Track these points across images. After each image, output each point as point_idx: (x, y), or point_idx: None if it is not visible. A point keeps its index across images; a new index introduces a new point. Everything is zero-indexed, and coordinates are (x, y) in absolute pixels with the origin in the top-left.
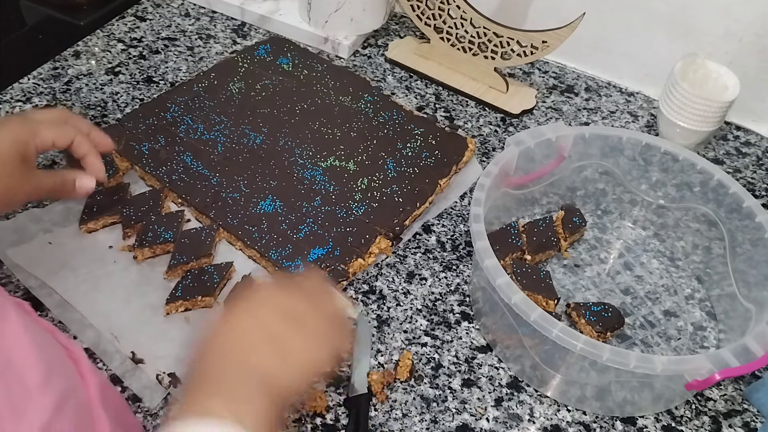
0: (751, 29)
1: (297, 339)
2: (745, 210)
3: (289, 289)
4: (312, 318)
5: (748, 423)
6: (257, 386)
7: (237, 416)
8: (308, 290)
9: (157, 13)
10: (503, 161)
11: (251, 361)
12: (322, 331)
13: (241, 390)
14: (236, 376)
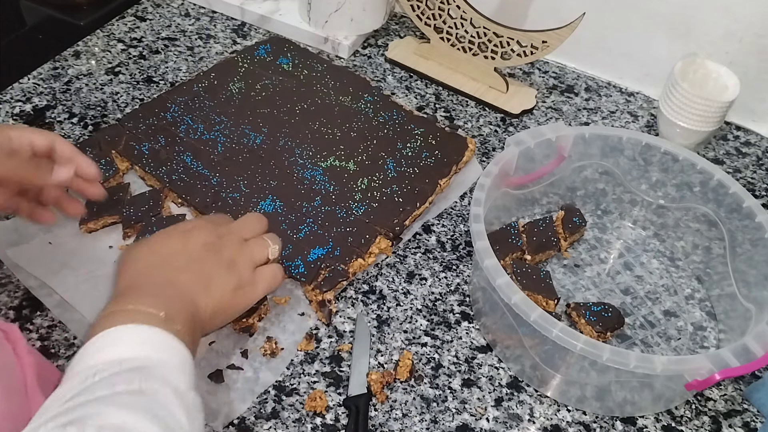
0: (751, 29)
1: (220, 271)
2: (745, 210)
3: (220, 228)
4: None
5: (748, 423)
6: (182, 301)
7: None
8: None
9: (157, 13)
10: (503, 161)
11: (180, 279)
12: (246, 269)
13: (171, 300)
14: (165, 289)
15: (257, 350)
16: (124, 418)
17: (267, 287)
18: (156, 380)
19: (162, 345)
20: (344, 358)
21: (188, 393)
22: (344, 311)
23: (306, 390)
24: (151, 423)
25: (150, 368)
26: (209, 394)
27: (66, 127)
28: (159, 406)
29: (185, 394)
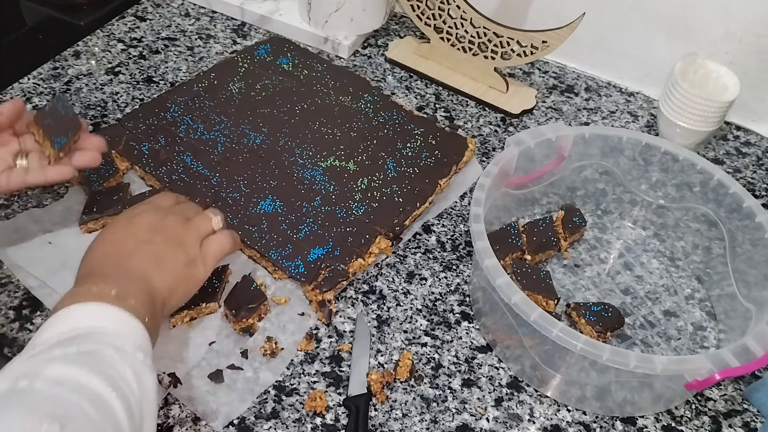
0: (751, 29)
1: (169, 249)
2: (745, 210)
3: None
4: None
5: (748, 423)
6: (137, 281)
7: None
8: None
9: (157, 13)
10: (503, 161)
11: (130, 262)
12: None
13: (123, 281)
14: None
15: (257, 350)
16: (70, 371)
17: (217, 255)
18: (100, 342)
19: (109, 316)
20: (344, 358)
21: (135, 354)
22: (344, 311)
23: (306, 390)
24: (95, 376)
25: (94, 334)
26: (209, 394)
27: None
28: (103, 362)
29: (132, 354)
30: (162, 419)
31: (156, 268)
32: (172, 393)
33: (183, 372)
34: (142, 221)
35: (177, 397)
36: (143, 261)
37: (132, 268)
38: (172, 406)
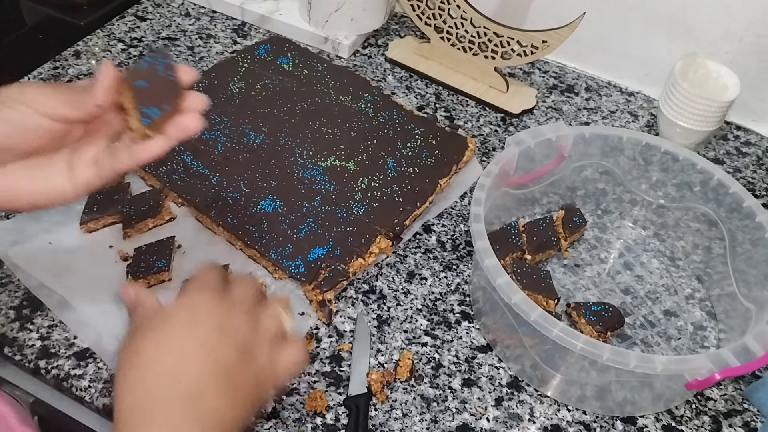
0: (751, 29)
1: (247, 373)
2: (746, 210)
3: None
4: (258, 345)
5: (748, 423)
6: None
7: None
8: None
9: (157, 13)
10: (503, 161)
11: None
12: (269, 363)
13: None
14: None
15: None
16: None
17: (288, 376)
18: None
19: None
20: (344, 357)
21: None
22: (344, 311)
23: (306, 390)
24: None
25: None
26: None
27: None
28: None
29: None
30: None
31: (230, 404)
32: None
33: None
34: (206, 323)
35: None
36: (217, 398)
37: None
38: None
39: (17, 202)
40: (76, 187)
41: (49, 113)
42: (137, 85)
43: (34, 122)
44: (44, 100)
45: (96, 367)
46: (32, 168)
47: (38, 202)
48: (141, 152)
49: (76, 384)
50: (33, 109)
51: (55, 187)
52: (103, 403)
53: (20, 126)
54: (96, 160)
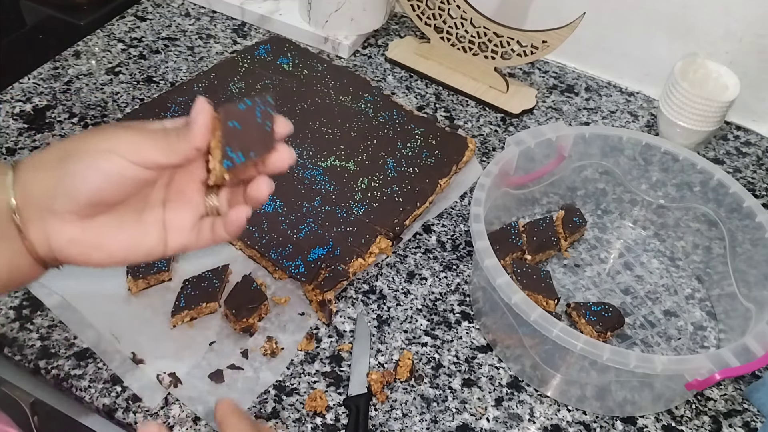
0: (751, 29)
1: None
2: (746, 210)
3: None
4: None
5: (749, 423)
6: None
7: None
8: None
9: (157, 13)
10: (503, 161)
11: None
12: None
13: None
14: None
15: (257, 350)
16: None
17: None
18: None
19: None
20: (344, 357)
21: None
22: (344, 311)
23: (306, 390)
24: None
25: None
26: (209, 394)
27: (66, 127)
28: None
29: None
30: (162, 419)
31: None
32: (172, 393)
33: (183, 372)
34: None
35: (177, 397)
36: None
37: None
38: (172, 406)
39: (101, 259)
40: (169, 250)
41: (143, 162)
42: (229, 126)
43: (127, 173)
44: (138, 149)
45: (96, 367)
46: (123, 224)
47: (126, 259)
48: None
49: (76, 384)
50: (126, 160)
51: (147, 246)
52: (102, 403)
53: (113, 178)
54: (193, 228)
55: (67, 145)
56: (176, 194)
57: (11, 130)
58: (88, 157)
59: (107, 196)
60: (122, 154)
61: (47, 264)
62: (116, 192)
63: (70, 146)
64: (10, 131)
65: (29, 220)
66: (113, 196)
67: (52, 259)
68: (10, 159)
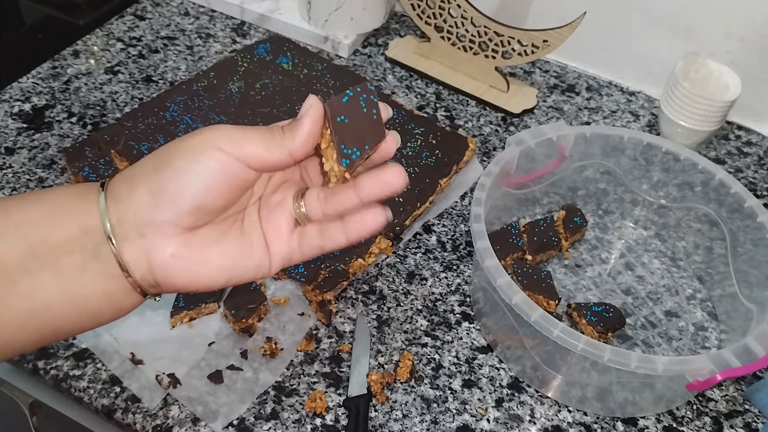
0: (752, 29)
1: None
2: (747, 210)
3: None
4: None
5: (750, 423)
6: None
7: None
8: None
9: (156, 12)
10: (504, 161)
11: None
12: None
13: None
14: None
15: (257, 351)
16: None
17: None
18: None
19: None
20: (344, 358)
21: None
22: (344, 311)
23: (306, 390)
24: None
25: None
26: (209, 395)
27: (65, 127)
28: None
29: None
30: (162, 419)
31: None
32: (171, 393)
33: (182, 372)
34: None
35: (177, 398)
36: None
37: None
38: (171, 407)
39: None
40: (274, 263)
41: (246, 157)
42: (338, 121)
43: (231, 169)
44: (240, 142)
45: (95, 367)
46: (227, 235)
47: (233, 276)
48: (356, 229)
49: (75, 384)
50: (228, 153)
51: (254, 260)
52: (101, 404)
53: (216, 175)
54: (292, 235)
55: (162, 152)
56: (266, 203)
57: (10, 130)
58: (188, 154)
59: (211, 199)
60: (223, 147)
61: (144, 291)
62: (220, 193)
63: (164, 152)
64: (9, 131)
65: (125, 239)
66: (217, 199)
67: (150, 284)
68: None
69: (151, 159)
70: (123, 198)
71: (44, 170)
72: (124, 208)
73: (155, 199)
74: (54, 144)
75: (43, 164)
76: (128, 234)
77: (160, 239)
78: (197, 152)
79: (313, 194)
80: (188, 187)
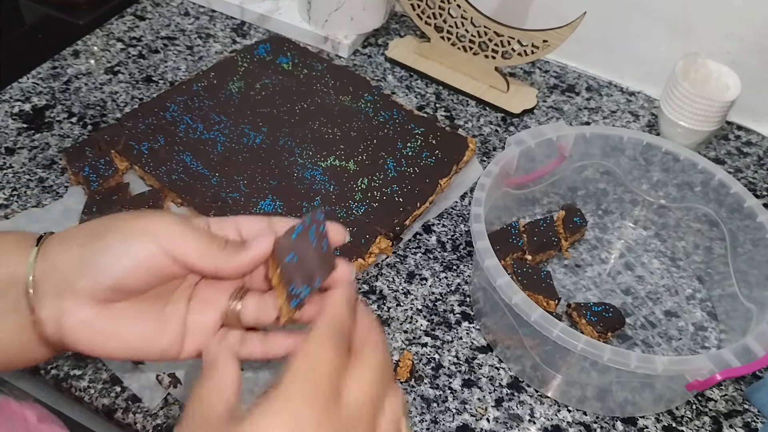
0: (752, 29)
1: None
2: (746, 210)
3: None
4: None
5: (749, 423)
6: None
7: None
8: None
9: (156, 12)
10: (504, 161)
11: None
12: None
13: None
14: None
15: None
16: None
17: None
18: None
19: None
20: None
21: None
22: None
23: None
24: None
25: None
26: None
27: (65, 127)
28: None
29: None
30: (162, 419)
31: None
32: (172, 393)
33: (183, 372)
34: None
35: (177, 398)
36: None
37: None
38: (172, 406)
39: (112, 349)
40: (185, 352)
41: (177, 256)
42: (287, 262)
43: (157, 262)
44: (176, 241)
45: (95, 367)
46: (142, 315)
47: (137, 354)
48: (275, 347)
49: (76, 384)
50: (160, 248)
51: (162, 344)
52: (102, 404)
53: (141, 264)
54: (221, 338)
55: (104, 222)
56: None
57: (10, 130)
58: (122, 236)
59: (132, 282)
60: (158, 238)
61: (54, 346)
62: (141, 279)
63: (106, 223)
64: (9, 131)
65: (45, 296)
66: (138, 283)
67: (58, 341)
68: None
69: (91, 226)
70: (53, 257)
71: (44, 170)
72: (51, 267)
73: (80, 266)
74: (54, 144)
75: (43, 164)
76: (49, 291)
77: (74, 304)
78: (131, 235)
79: (253, 299)
80: (112, 266)
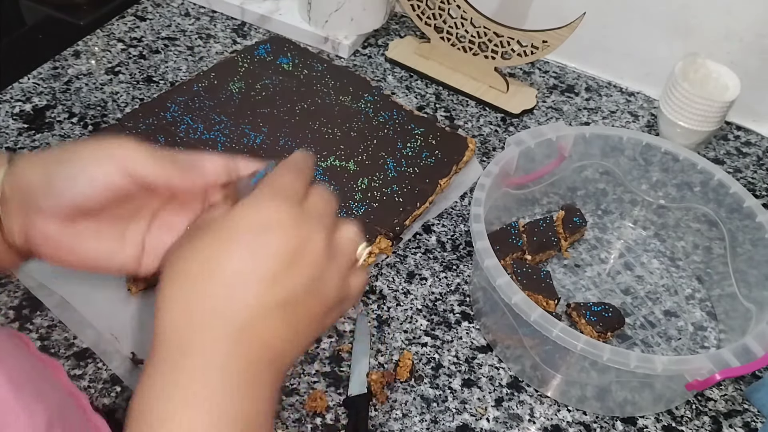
0: (752, 29)
1: (313, 305)
2: (746, 210)
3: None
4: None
5: (749, 423)
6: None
7: None
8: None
9: (157, 13)
10: (503, 161)
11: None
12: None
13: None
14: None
15: None
16: None
17: (358, 298)
18: None
19: None
20: (344, 358)
21: None
22: None
23: (306, 390)
24: None
25: None
26: None
27: (66, 127)
28: None
29: None
30: None
31: (287, 338)
32: None
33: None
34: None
35: None
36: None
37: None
38: None
39: (71, 262)
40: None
41: (132, 173)
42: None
43: (116, 184)
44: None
45: (96, 367)
46: (102, 234)
47: (96, 267)
48: None
49: (76, 384)
50: (119, 169)
51: (119, 261)
52: (102, 403)
53: (100, 187)
54: None
55: (70, 148)
56: (165, 217)
57: (11, 130)
58: (82, 162)
59: (91, 204)
60: (115, 160)
61: (23, 254)
62: (101, 201)
63: (71, 149)
64: (9, 131)
65: (13, 210)
66: (97, 204)
67: (26, 251)
68: None
69: (59, 149)
70: (22, 175)
71: None
72: (20, 185)
73: (45, 187)
74: (55, 144)
75: None
76: (16, 207)
77: (40, 220)
78: (91, 160)
79: None
80: (72, 188)
